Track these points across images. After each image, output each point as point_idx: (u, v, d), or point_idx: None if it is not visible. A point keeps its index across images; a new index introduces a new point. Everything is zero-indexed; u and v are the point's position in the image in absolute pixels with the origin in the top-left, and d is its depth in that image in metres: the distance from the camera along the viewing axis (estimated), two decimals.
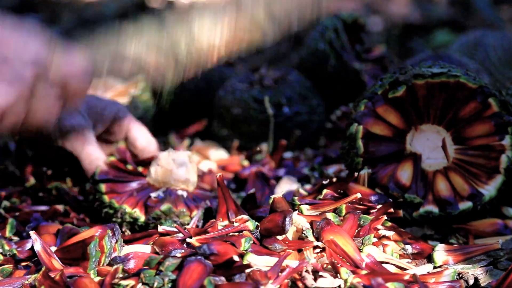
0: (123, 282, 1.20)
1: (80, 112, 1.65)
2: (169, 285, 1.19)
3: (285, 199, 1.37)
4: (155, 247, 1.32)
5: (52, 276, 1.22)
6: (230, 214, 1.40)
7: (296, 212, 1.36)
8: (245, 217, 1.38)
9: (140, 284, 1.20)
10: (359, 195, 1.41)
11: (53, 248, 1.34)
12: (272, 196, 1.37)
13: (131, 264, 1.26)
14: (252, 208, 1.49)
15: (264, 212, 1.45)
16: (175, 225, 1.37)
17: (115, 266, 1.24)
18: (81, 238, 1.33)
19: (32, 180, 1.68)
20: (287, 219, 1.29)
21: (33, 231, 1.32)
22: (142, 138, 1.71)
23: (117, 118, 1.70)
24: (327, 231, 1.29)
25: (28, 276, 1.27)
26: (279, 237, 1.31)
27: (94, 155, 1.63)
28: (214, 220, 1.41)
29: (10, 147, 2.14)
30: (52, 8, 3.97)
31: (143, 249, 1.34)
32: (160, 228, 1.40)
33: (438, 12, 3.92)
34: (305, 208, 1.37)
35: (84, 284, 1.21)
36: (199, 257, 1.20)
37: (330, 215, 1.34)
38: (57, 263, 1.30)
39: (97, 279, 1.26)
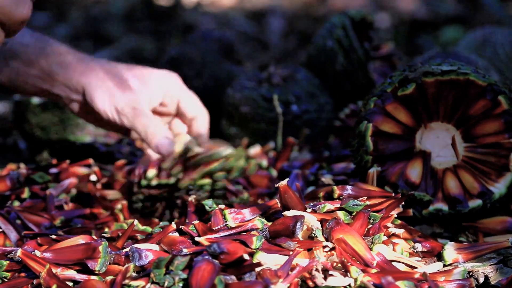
0: (134, 283, 1.21)
1: (131, 85, 1.67)
2: (180, 284, 1.19)
3: (291, 188, 1.37)
4: (162, 245, 1.32)
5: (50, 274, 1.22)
6: None
7: (309, 211, 1.36)
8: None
9: (150, 283, 1.20)
10: None
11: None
12: (277, 185, 1.37)
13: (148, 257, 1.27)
14: None
15: None
16: (183, 227, 1.37)
17: (126, 265, 1.24)
18: (73, 242, 1.33)
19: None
20: (298, 224, 1.29)
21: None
22: (192, 109, 1.73)
23: (168, 91, 1.71)
24: (337, 230, 1.29)
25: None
26: None
27: (152, 127, 1.65)
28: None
29: (20, 146, 2.15)
30: (59, 6, 3.98)
31: (152, 246, 1.34)
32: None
33: (446, 9, 3.92)
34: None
35: (92, 285, 1.21)
36: (207, 257, 1.20)
37: (340, 213, 1.34)
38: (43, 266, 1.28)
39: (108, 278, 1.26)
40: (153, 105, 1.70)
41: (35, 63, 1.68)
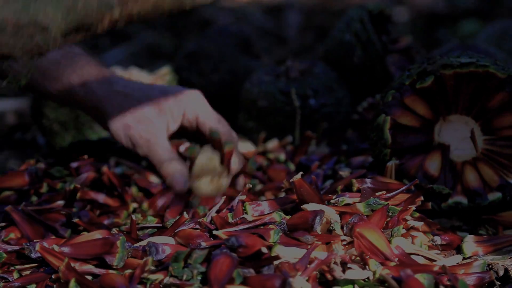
0: (152, 276, 1.21)
1: (147, 115, 1.64)
2: (199, 278, 1.19)
3: (305, 181, 1.37)
4: (177, 238, 1.32)
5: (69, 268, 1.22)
6: None
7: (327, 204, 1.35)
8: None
9: (169, 277, 1.21)
10: None
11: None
12: (292, 179, 1.37)
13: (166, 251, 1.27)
14: None
15: None
16: (202, 220, 1.37)
17: (144, 259, 1.24)
18: (91, 237, 1.33)
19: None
20: (318, 218, 1.29)
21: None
22: (211, 120, 1.68)
23: (186, 113, 1.68)
24: (359, 226, 1.28)
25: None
26: None
27: (167, 162, 1.61)
28: None
29: (39, 141, 2.16)
30: None
31: (168, 241, 1.34)
32: None
33: (464, 2, 3.89)
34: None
35: (111, 279, 1.22)
36: (225, 250, 1.20)
37: (360, 206, 1.33)
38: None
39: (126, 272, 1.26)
40: (171, 131, 1.67)
41: (57, 80, 1.68)
